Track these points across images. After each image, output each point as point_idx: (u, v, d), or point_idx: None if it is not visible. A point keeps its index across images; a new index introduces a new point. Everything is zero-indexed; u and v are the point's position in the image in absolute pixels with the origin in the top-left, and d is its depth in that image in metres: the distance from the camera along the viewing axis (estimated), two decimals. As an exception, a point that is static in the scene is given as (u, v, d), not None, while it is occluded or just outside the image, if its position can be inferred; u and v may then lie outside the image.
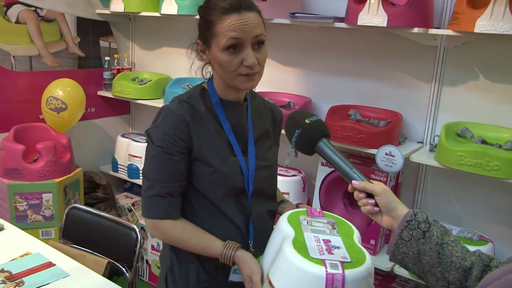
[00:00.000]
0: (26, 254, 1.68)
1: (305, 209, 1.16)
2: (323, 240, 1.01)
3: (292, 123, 1.17)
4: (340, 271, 0.91)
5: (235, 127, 1.27)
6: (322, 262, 0.93)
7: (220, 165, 1.22)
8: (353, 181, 1.07)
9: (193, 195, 1.25)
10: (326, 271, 0.90)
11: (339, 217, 1.14)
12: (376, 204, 1.04)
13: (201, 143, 1.21)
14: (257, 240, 1.24)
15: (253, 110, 1.32)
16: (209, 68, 1.29)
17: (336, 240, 1.02)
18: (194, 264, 1.28)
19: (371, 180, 1.07)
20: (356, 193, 1.07)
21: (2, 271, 1.55)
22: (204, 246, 1.21)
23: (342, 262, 0.93)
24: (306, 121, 1.13)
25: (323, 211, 1.15)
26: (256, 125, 1.32)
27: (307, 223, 1.08)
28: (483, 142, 1.87)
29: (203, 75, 1.31)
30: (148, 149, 1.23)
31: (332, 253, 0.96)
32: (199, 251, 1.22)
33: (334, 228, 1.08)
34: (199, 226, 1.24)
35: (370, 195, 1.05)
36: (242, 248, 1.21)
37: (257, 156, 1.29)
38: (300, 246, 0.98)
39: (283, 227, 1.07)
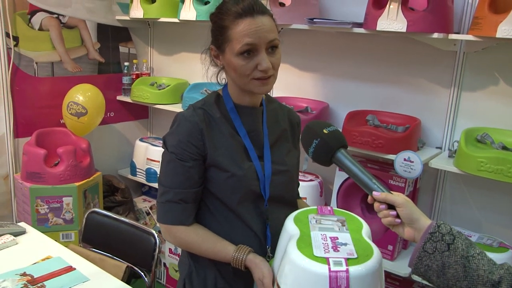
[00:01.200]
0: (47, 258, 1.69)
1: (315, 207, 1.15)
2: (330, 237, 1.00)
3: (309, 134, 1.14)
4: (344, 268, 0.89)
5: (250, 132, 1.26)
6: (326, 260, 0.91)
7: (236, 170, 1.21)
8: (373, 192, 1.04)
9: (210, 201, 1.26)
10: (330, 268, 0.89)
11: (349, 213, 1.13)
12: (397, 216, 1.01)
13: (216, 149, 1.21)
14: (275, 245, 1.23)
15: (269, 114, 1.32)
16: (224, 74, 1.29)
17: (344, 236, 1.00)
18: (212, 271, 1.28)
19: (391, 191, 1.04)
20: (376, 204, 1.04)
21: (24, 274, 1.57)
22: (217, 251, 1.21)
23: (347, 259, 0.91)
24: (324, 131, 1.11)
25: (334, 209, 1.14)
26: (272, 130, 1.31)
27: (316, 221, 1.07)
28: (504, 148, 1.83)
29: (218, 81, 1.31)
30: (163, 155, 1.25)
31: (338, 250, 0.94)
32: (212, 256, 1.23)
33: (343, 225, 1.06)
34: (218, 231, 1.24)
35: (390, 206, 1.02)
36: (258, 252, 1.20)
37: (274, 161, 1.28)
38: (304, 245, 0.96)
39: (289, 228, 1.06)
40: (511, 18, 1.60)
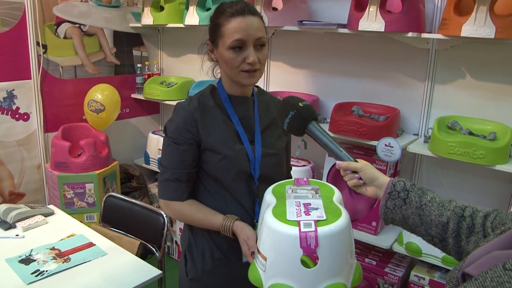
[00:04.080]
0: (72, 235, 1.76)
1: (293, 179, 1.15)
2: (304, 204, 0.99)
3: (286, 106, 1.11)
4: (313, 228, 0.89)
5: (242, 119, 1.28)
6: (297, 222, 0.91)
7: (228, 152, 1.24)
8: (337, 162, 1.06)
9: (207, 180, 1.29)
10: (300, 230, 0.90)
11: (323, 182, 1.13)
12: (360, 178, 1.04)
13: (209, 134, 1.24)
14: None
15: (260, 104, 1.33)
16: (219, 69, 1.30)
17: (317, 202, 1.00)
18: (209, 244, 1.31)
19: (356, 159, 1.06)
20: (342, 171, 1.06)
21: (53, 249, 1.64)
22: (208, 219, 1.24)
23: (316, 221, 0.91)
24: (300, 104, 1.10)
25: (310, 179, 1.13)
26: (263, 117, 1.32)
27: (292, 191, 1.07)
28: (470, 133, 1.88)
29: (213, 75, 1.34)
30: (164, 140, 1.29)
31: (310, 214, 0.94)
32: (204, 224, 1.25)
33: (317, 193, 1.05)
34: (213, 207, 1.27)
35: (354, 171, 1.05)
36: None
37: (264, 145, 1.29)
38: (279, 212, 0.96)
39: (267, 197, 1.06)
40: (472, 19, 1.65)
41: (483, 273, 0.61)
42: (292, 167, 1.55)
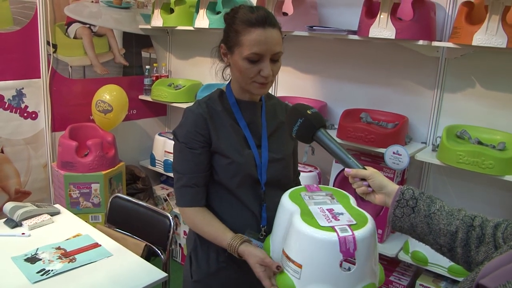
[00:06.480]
0: (78, 235, 1.76)
1: (303, 186, 1.16)
2: (327, 209, 1.02)
3: (294, 113, 1.12)
4: (350, 233, 0.93)
5: (250, 124, 1.28)
6: (332, 228, 0.94)
7: (236, 157, 1.23)
8: (345, 170, 1.07)
9: (214, 185, 1.28)
10: (338, 235, 0.92)
11: (333, 187, 1.16)
12: (369, 185, 1.05)
13: (218, 138, 1.24)
14: (270, 226, 1.23)
15: (267, 109, 1.33)
16: (228, 71, 1.30)
17: (338, 207, 1.04)
18: (215, 246, 1.28)
19: (365, 166, 1.07)
20: (350, 178, 1.07)
21: (59, 248, 1.65)
22: (217, 235, 1.21)
23: (349, 225, 0.95)
24: (308, 112, 1.10)
25: (319, 185, 1.16)
26: (270, 122, 1.32)
27: (309, 197, 1.09)
28: (479, 143, 1.87)
29: (223, 76, 1.33)
30: (174, 146, 1.28)
31: (338, 219, 0.98)
32: (212, 239, 1.23)
33: (333, 198, 1.08)
34: (221, 212, 1.27)
35: (362, 179, 1.06)
36: (255, 230, 1.24)
37: (271, 150, 1.29)
38: (308, 218, 0.98)
39: (287, 205, 1.07)
40: (484, 28, 1.65)
41: (501, 286, 0.61)
42: (300, 172, 1.55)
